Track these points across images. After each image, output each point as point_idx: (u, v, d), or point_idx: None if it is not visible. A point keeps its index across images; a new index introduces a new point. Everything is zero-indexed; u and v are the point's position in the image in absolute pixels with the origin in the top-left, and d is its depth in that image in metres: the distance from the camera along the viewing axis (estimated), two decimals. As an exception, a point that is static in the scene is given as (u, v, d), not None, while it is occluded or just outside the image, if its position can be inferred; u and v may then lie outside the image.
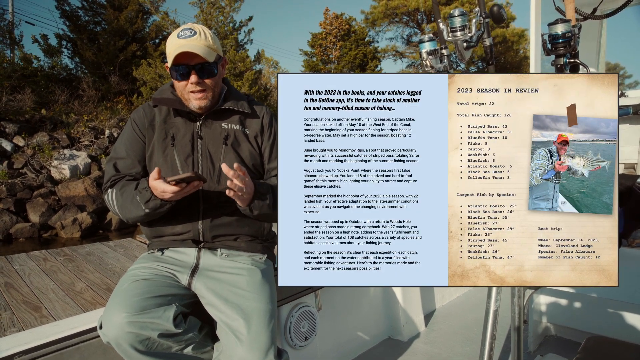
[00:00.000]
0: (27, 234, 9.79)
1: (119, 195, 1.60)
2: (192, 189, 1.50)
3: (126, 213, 1.59)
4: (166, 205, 1.53)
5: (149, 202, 1.51)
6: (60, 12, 16.81)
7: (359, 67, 27.38)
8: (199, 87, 1.62)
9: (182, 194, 1.48)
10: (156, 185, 1.45)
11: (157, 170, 1.45)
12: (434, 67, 1.66)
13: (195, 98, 1.64)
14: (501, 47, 24.02)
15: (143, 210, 1.53)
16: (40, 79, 14.31)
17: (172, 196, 1.47)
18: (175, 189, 1.44)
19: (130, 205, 1.56)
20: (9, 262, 2.72)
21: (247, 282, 1.61)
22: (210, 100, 1.67)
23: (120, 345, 1.40)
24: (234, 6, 18.33)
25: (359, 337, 2.64)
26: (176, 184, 1.44)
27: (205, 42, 1.62)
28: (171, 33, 1.68)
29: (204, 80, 1.62)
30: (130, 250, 3.05)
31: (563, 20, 1.53)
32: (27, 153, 11.25)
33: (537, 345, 2.55)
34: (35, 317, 1.83)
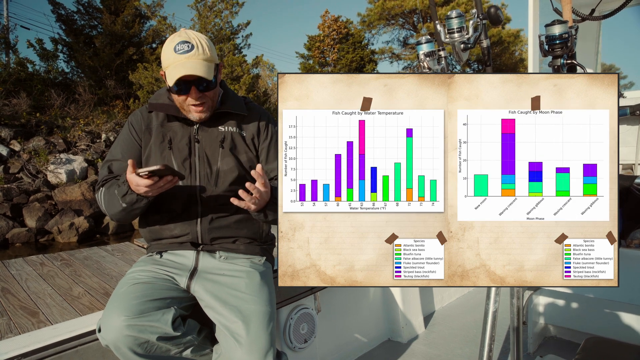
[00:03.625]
0: (23, 238, 9.74)
1: (106, 193, 1.59)
2: (167, 184, 1.47)
3: (110, 209, 1.58)
4: (142, 200, 1.50)
5: (125, 195, 1.49)
6: (56, 17, 16.80)
7: (356, 70, 27.44)
8: (199, 101, 1.61)
9: (156, 189, 1.46)
10: (131, 179, 1.44)
11: (131, 162, 1.42)
12: (432, 68, 1.66)
13: (196, 111, 1.63)
14: (497, 49, 24.13)
15: (121, 204, 1.52)
16: (36, 83, 14.27)
17: (146, 190, 1.44)
18: (148, 182, 1.42)
19: (113, 200, 1.55)
20: (5, 267, 2.70)
21: (245, 285, 1.60)
22: (210, 111, 1.66)
23: (119, 348, 1.39)
24: (232, 10, 18.35)
25: (359, 339, 2.63)
26: (149, 177, 1.42)
27: (204, 56, 1.58)
28: (167, 39, 1.65)
29: (205, 93, 1.61)
30: (128, 254, 3.04)
31: (560, 21, 1.53)
32: (23, 158, 11.20)
33: (537, 346, 2.55)
34: (32, 322, 1.82)
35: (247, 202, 1.47)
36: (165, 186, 1.47)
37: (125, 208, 1.53)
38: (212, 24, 18.19)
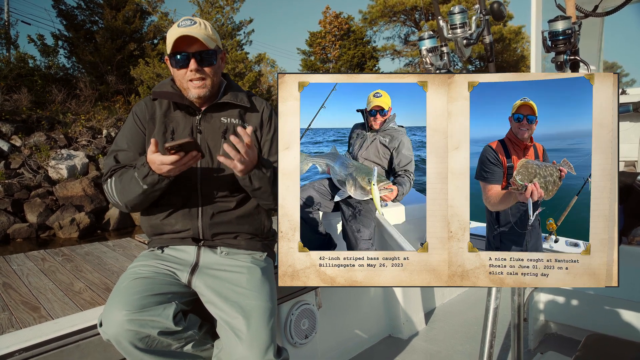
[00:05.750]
0: (24, 234, 9.75)
1: (117, 182, 1.59)
2: (191, 161, 1.47)
3: (125, 196, 1.57)
4: (164, 181, 1.50)
5: (147, 177, 1.49)
6: (57, 12, 16.77)
7: (357, 67, 27.38)
8: (198, 74, 1.62)
9: (180, 166, 1.46)
10: (154, 159, 1.44)
11: (153, 141, 1.43)
12: (434, 64, 1.66)
13: (194, 87, 1.64)
14: (498, 46, 24.06)
15: (141, 187, 1.51)
16: (37, 78, 14.26)
17: (170, 168, 1.44)
18: (174, 158, 1.42)
19: (129, 185, 1.54)
20: (7, 262, 2.70)
21: (247, 280, 1.60)
22: (209, 89, 1.66)
23: (120, 342, 1.39)
24: (233, 6, 18.31)
25: (359, 335, 2.63)
26: (175, 153, 1.41)
27: (205, 32, 1.63)
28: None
29: (203, 68, 1.62)
30: (129, 250, 3.04)
31: (563, 17, 1.52)
32: (24, 153, 11.21)
33: (537, 343, 2.55)
34: (34, 317, 1.82)
35: (234, 160, 1.45)
36: (189, 162, 1.47)
37: (145, 190, 1.52)
38: (214, 20, 18.16)
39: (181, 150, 1.42)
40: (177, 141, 1.39)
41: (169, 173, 1.48)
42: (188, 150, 1.44)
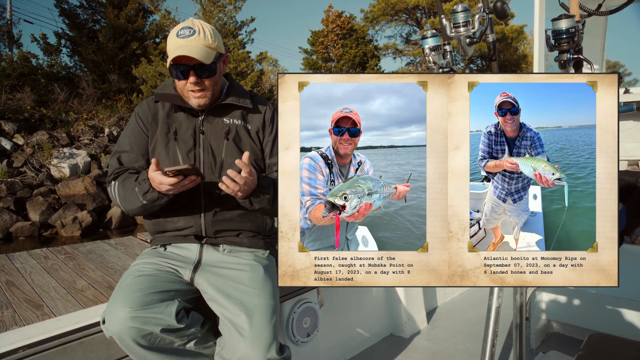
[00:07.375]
0: (27, 232, 9.78)
1: (120, 188, 1.60)
2: (190, 184, 1.49)
3: (127, 205, 1.60)
4: (163, 198, 1.53)
5: (146, 193, 1.51)
6: (60, 11, 16.79)
7: (359, 66, 27.35)
8: (197, 86, 1.62)
9: (179, 188, 1.48)
10: (154, 177, 1.45)
11: (155, 161, 1.45)
12: (437, 63, 1.65)
13: (194, 97, 1.65)
14: (500, 45, 24.00)
15: (140, 201, 1.53)
16: (40, 77, 14.29)
17: (169, 189, 1.46)
18: (172, 180, 1.44)
19: (130, 197, 1.56)
20: (10, 260, 2.71)
21: (249, 278, 1.60)
22: (209, 98, 1.67)
23: (123, 340, 1.40)
24: (236, 5, 18.31)
25: (361, 333, 2.63)
26: (174, 176, 1.43)
27: (204, 42, 1.61)
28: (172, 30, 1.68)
29: (203, 80, 1.62)
30: (131, 248, 3.05)
31: (567, 15, 1.52)
32: (26, 152, 11.23)
33: (539, 342, 2.55)
34: (37, 314, 1.82)
35: (232, 189, 1.47)
36: (188, 185, 1.49)
37: (144, 205, 1.55)
38: (216, 19, 18.16)
39: (180, 174, 1.44)
40: (176, 167, 1.42)
41: (168, 192, 1.50)
42: (187, 175, 1.46)
